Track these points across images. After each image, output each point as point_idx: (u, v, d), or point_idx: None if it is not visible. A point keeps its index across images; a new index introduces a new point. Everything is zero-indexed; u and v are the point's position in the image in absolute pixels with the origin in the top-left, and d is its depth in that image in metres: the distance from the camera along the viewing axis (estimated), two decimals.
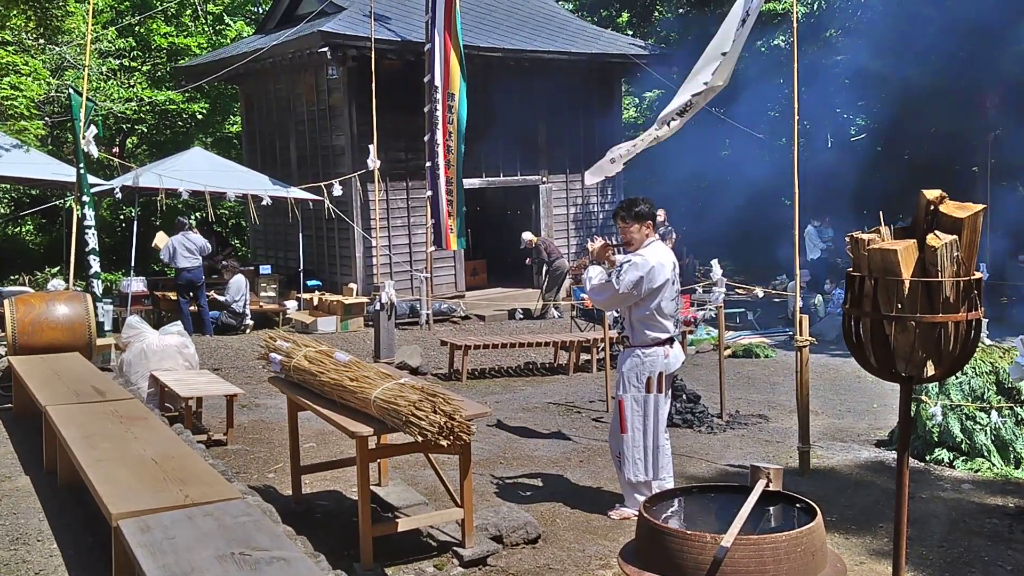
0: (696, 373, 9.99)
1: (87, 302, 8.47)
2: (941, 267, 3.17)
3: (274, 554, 3.30)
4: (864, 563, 4.82)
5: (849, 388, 9.50)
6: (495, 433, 7.62)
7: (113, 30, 19.38)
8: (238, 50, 16.78)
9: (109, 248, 20.11)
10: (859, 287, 3.34)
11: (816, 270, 15.64)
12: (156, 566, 3.20)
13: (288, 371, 5.38)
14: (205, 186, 13.20)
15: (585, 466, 6.66)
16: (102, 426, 5.39)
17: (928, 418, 6.66)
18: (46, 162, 14.34)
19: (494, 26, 16.19)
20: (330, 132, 15.43)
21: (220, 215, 20.76)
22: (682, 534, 3.51)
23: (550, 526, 5.35)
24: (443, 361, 10.87)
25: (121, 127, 20.86)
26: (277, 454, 6.88)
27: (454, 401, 4.45)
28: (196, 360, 8.40)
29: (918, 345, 3.27)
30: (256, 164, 16.85)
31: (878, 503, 5.77)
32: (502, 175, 16.42)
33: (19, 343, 8.00)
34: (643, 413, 5.43)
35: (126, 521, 3.68)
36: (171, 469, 4.42)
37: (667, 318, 5.47)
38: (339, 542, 4.94)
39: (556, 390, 9.61)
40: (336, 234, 15.50)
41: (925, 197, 3.25)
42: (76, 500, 5.45)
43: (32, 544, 4.90)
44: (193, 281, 13.12)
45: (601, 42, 17.19)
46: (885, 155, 17.33)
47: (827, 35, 16.38)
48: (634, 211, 5.49)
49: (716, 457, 6.89)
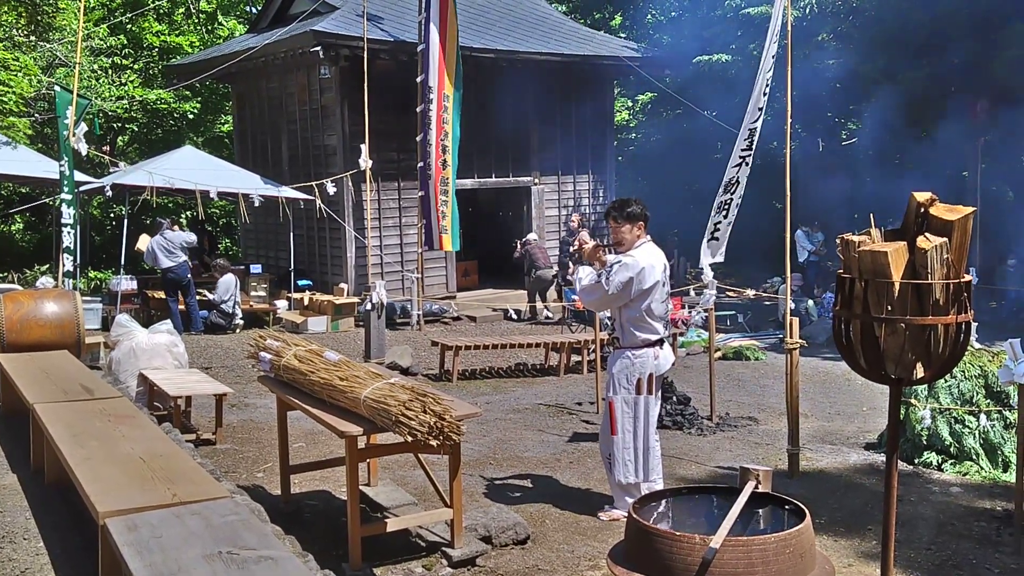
0: (686, 375, 10.00)
1: (76, 300, 8.44)
2: (931, 269, 3.17)
3: (262, 553, 3.28)
4: (852, 565, 4.83)
5: (838, 391, 9.52)
6: (485, 434, 7.61)
7: (105, 27, 19.31)
8: (230, 49, 16.75)
9: (99, 246, 20.05)
10: (849, 289, 3.35)
11: (804, 274, 15.67)
12: (143, 565, 3.18)
13: (278, 370, 5.37)
14: (196, 184, 13.16)
15: (575, 467, 6.66)
16: (90, 424, 5.36)
17: (917, 421, 6.68)
18: (35, 159, 14.27)
19: (487, 27, 16.19)
20: (322, 132, 15.41)
21: (211, 214, 20.69)
22: (671, 535, 3.51)
23: (539, 527, 5.35)
24: (434, 362, 10.86)
25: (112, 125, 20.78)
26: (266, 454, 6.86)
27: (444, 401, 4.44)
28: (185, 359, 8.38)
29: (908, 347, 3.28)
30: (247, 163, 16.82)
31: (867, 505, 5.78)
32: (494, 176, 16.42)
33: (7, 341, 7.96)
34: (633, 415, 5.43)
35: (113, 520, 3.66)
36: (159, 468, 4.40)
37: (657, 320, 5.47)
38: (328, 542, 4.93)
39: (547, 391, 9.61)
40: (327, 234, 15.47)
41: (916, 199, 3.26)
42: (63, 498, 5.42)
43: (18, 542, 4.87)
44: (178, 280, 13.07)
45: (594, 44, 17.20)
46: (875, 159, 17.39)
47: (819, 39, 16.43)
48: (626, 211, 5.49)
49: (706, 459, 6.90)
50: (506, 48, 15.51)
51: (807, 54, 15.78)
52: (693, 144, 18.92)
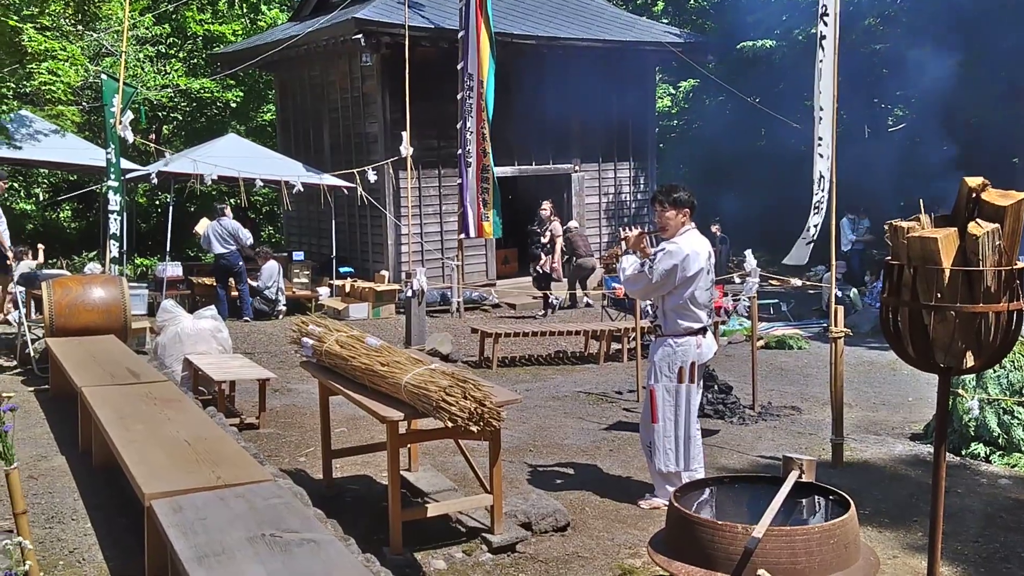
0: (728, 364, 9.92)
1: (123, 286, 8.57)
2: (982, 256, 3.11)
3: (304, 536, 3.31)
4: (898, 557, 4.76)
5: (884, 381, 9.39)
6: (525, 421, 7.61)
7: (150, 17, 19.55)
8: (273, 37, 16.87)
9: (145, 233, 20.34)
10: (898, 276, 3.29)
11: (849, 261, 15.46)
12: (188, 546, 3.23)
13: (320, 356, 5.40)
14: (239, 172, 13.29)
15: (615, 455, 6.63)
16: (136, 408, 5.45)
17: (965, 412, 6.56)
18: (83, 147, 14.51)
19: (528, 14, 16.13)
20: (363, 119, 15.47)
21: (253, 201, 20.90)
22: (713, 524, 3.49)
23: (579, 514, 5.34)
24: (473, 349, 10.87)
25: (157, 114, 21.05)
26: (308, 438, 6.92)
27: (484, 387, 4.44)
28: (229, 344, 8.47)
29: (957, 335, 3.21)
30: (290, 151, 16.95)
31: (913, 497, 5.70)
32: (534, 163, 16.38)
33: (56, 325, 8.12)
34: (674, 403, 5.39)
35: (159, 501, 3.72)
36: (203, 451, 4.45)
37: (700, 308, 5.41)
38: (369, 526, 4.96)
39: (586, 379, 9.58)
40: (368, 221, 15.55)
41: (967, 184, 3.19)
42: (110, 480, 5.52)
43: (67, 523, 4.97)
44: (229, 266, 13.21)
45: (636, 30, 17.07)
46: (923, 146, 17.09)
47: (866, 23, 16.15)
48: (673, 197, 5.44)
49: (748, 448, 6.84)
50: (547, 35, 15.44)
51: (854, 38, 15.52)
52: (737, 131, 18.71)
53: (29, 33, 8.64)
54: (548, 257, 13.97)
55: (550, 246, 14.06)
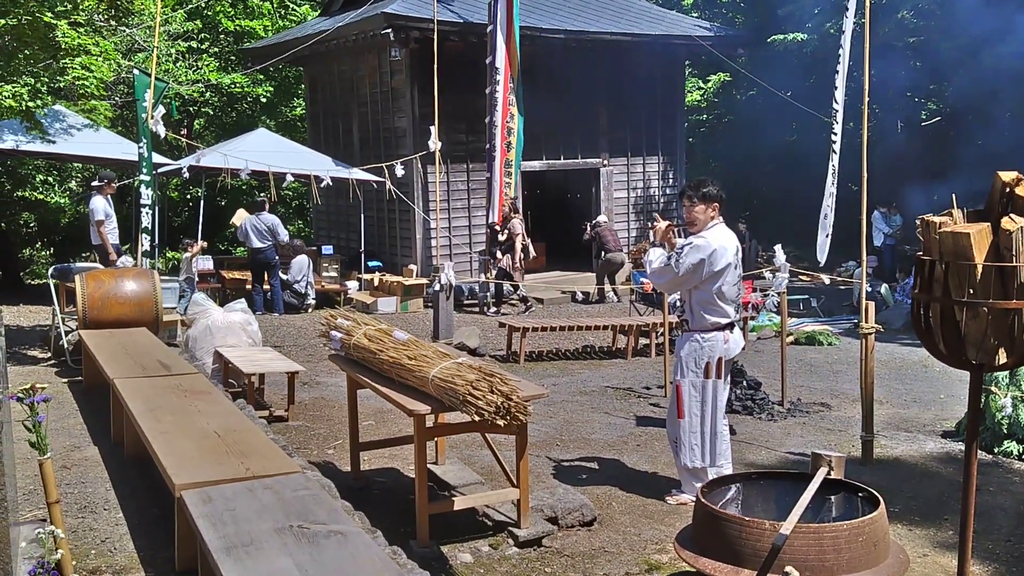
0: (757, 360, 9.86)
1: (154, 279, 8.66)
2: (1016, 251, 3.07)
3: (332, 528, 3.34)
4: (928, 555, 4.71)
5: (915, 377, 9.29)
6: (552, 415, 7.61)
7: (181, 12, 19.69)
8: (303, 32, 16.95)
9: (177, 227, 20.52)
10: (929, 272, 3.25)
11: (880, 257, 15.29)
12: (217, 536, 3.26)
13: (348, 349, 5.43)
14: (269, 166, 13.37)
15: (642, 450, 6.62)
16: (167, 399, 5.51)
17: (997, 409, 6.47)
18: (116, 142, 14.65)
19: (557, 8, 16.09)
20: (392, 114, 15.51)
21: (283, 196, 21.02)
22: (740, 520, 3.47)
23: (606, 509, 5.33)
24: (501, 343, 10.88)
25: (189, 109, 21.22)
26: (337, 431, 6.96)
27: (511, 381, 4.44)
28: (259, 337, 8.54)
29: (990, 332, 3.17)
30: (319, 145, 17.03)
31: (943, 495, 5.63)
32: (562, 158, 16.34)
33: (89, 318, 8.23)
34: (701, 399, 5.36)
35: (189, 492, 3.76)
36: (233, 443, 4.50)
37: (728, 303, 5.38)
38: (396, 519, 4.99)
39: (614, 374, 9.56)
40: (397, 215, 15.60)
41: (1000, 179, 3.15)
42: (141, 471, 5.59)
43: (99, 513, 5.04)
44: (267, 261, 13.31)
45: (665, 24, 16.96)
46: (957, 140, 16.86)
47: (899, 16, 15.95)
48: (702, 191, 5.41)
49: (776, 444, 6.80)
50: (576, 28, 15.39)
51: (886, 31, 15.35)
52: (767, 125, 18.55)
53: (63, 29, 8.73)
54: (506, 256, 13.64)
55: (507, 245, 13.69)
